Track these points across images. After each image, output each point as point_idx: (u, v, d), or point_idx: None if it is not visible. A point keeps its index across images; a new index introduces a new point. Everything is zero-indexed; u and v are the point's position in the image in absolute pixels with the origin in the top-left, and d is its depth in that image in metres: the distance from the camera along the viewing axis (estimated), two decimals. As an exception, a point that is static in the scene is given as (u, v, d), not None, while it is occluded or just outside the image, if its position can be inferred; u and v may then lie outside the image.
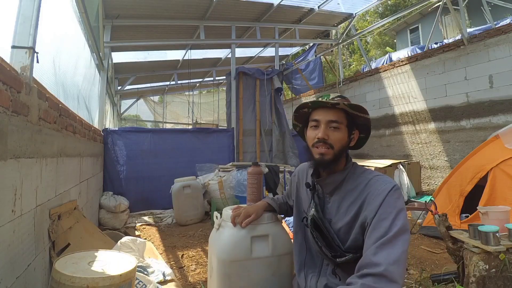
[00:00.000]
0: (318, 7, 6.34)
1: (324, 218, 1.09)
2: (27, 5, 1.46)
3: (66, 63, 2.76)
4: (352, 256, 1.00)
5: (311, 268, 1.16)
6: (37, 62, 1.49)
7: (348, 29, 7.40)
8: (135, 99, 11.15)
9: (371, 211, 0.95)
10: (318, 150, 1.06)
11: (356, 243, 1.00)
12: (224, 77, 8.16)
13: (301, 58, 9.00)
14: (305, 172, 1.29)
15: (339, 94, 1.11)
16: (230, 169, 4.37)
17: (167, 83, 10.16)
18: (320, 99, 1.08)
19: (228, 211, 1.31)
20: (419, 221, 3.43)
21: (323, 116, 1.06)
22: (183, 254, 2.79)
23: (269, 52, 8.39)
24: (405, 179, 4.73)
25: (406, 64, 5.76)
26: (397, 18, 7.61)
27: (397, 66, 5.93)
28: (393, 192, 0.96)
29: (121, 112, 10.88)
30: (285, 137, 6.46)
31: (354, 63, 16.26)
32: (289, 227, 2.69)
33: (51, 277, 1.12)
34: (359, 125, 1.11)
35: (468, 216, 2.77)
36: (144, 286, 1.52)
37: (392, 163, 4.80)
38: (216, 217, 1.33)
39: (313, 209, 1.11)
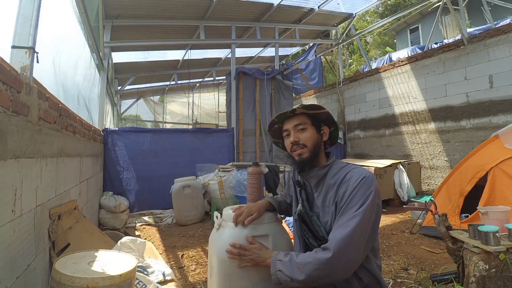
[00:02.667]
0: (318, 7, 6.34)
1: (312, 212, 1.21)
2: (27, 5, 1.46)
3: (66, 63, 2.76)
4: None
5: None
6: (37, 62, 1.49)
7: (348, 29, 7.40)
8: (135, 99, 11.15)
9: (342, 200, 1.07)
10: (296, 153, 1.20)
11: None
12: (224, 77, 8.17)
13: (301, 58, 9.00)
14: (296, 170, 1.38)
15: (300, 104, 1.25)
16: (230, 169, 4.37)
17: (167, 83, 10.16)
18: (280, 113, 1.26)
19: (228, 211, 1.32)
20: (419, 221, 3.43)
21: (289, 124, 1.23)
22: (183, 254, 2.79)
23: (269, 52, 8.39)
24: (405, 179, 4.73)
25: (406, 64, 5.76)
26: (397, 18, 7.61)
27: (397, 66, 5.92)
28: (363, 181, 1.07)
29: (121, 112, 10.87)
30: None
31: (354, 63, 16.26)
32: (289, 227, 2.69)
33: (51, 277, 1.12)
34: (324, 120, 1.26)
35: (468, 216, 2.77)
36: (144, 286, 1.52)
37: (392, 163, 4.80)
38: (216, 217, 1.33)
39: (300, 204, 1.23)
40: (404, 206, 4.11)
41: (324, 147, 1.27)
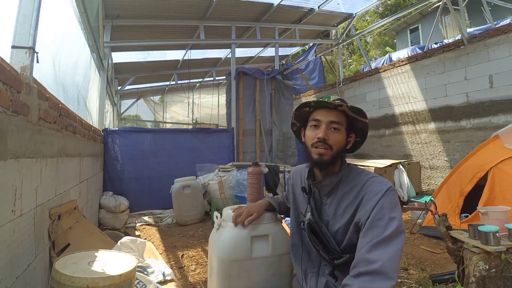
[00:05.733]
0: (318, 7, 6.34)
1: (321, 220, 1.11)
2: (27, 5, 1.46)
3: (66, 63, 2.76)
4: (349, 256, 1.02)
5: (309, 268, 1.17)
6: (37, 62, 1.49)
7: (348, 29, 7.40)
8: (135, 99, 11.15)
9: (366, 212, 0.97)
10: (317, 150, 1.07)
11: (351, 242, 1.03)
12: (224, 77, 8.17)
13: (301, 58, 9.00)
14: (299, 174, 1.30)
15: (339, 97, 1.12)
16: (230, 169, 4.37)
17: (167, 83, 10.16)
18: (321, 100, 1.10)
19: (228, 211, 1.31)
20: (419, 221, 3.43)
21: (324, 117, 1.07)
22: (183, 254, 2.79)
23: (269, 52, 8.39)
24: (405, 179, 4.73)
25: (406, 64, 5.76)
26: (397, 18, 7.61)
27: (397, 66, 5.92)
28: (388, 193, 0.98)
29: (121, 112, 10.87)
30: (286, 136, 6.47)
31: (354, 63, 16.26)
32: (289, 227, 2.69)
33: (51, 277, 1.12)
34: (357, 129, 1.13)
35: (468, 216, 2.77)
36: (144, 286, 1.52)
37: (392, 163, 4.80)
38: (216, 217, 1.33)
39: (309, 213, 1.12)
40: (404, 206, 4.11)
41: None
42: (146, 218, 4.26)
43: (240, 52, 8.27)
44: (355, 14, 7.02)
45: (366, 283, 0.85)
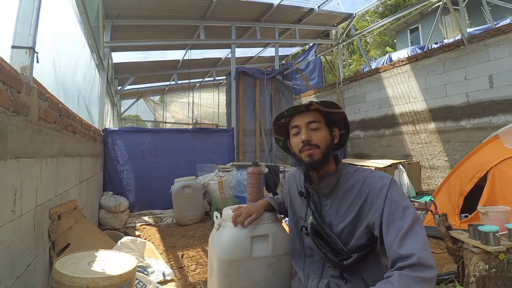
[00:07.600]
0: (318, 7, 6.34)
1: (324, 222, 1.10)
2: (27, 5, 1.46)
3: (66, 63, 2.76)
4: (357, 256, 1.01)
5: (312, 271, 1.16)
6: (37, 62, 1.49)
7: (348, 29, 7.40)
8: (135, 99, 11.16)
9: (378, 209, 0.97)
10: (306, 153, 1.07)
11: (360, 242, 1.02)
12: (224, 77, 8.18)
13: (301, 58, 9.00)
14: (294, 179, 1.29)
15: (310, 101, 1.14)
16: (230, 169, 4.37)
17: (167, 83, 10.17)
18: (291, 106, 1.12)
19: (228, 211, 1.32)
20: (419, 221, 3.43)
21: (301, 120, 1.09)
22: (183, 254, 2.79)
23: (269, 52, 8.39)
24: (405, 179, 4.73)
25: (406, 64, 5.76)
26: (397, 18, 7.61)
27: (397, 66, 5.92)
28: (392, 185, 0.99)
29: (121, 112, 10.88)
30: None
31: (354, 63, 16.25)
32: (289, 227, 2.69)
33: (51, 277, 1.12)
34: (337, 122, 1.15)
35: (468, 216, 2.77)
36: (144, 286, 1.52)
37: (392, 163, 4.80)
38: (216, 217, 1.33)
39: (311, 217, 1.11)
40: (404, 206, 4.10)
41: None
42: (146, 218, 4.26)
43: (240, 52, 8.28)
44: (355, 14, 7.02)
45: (408, 272, 0.84)
